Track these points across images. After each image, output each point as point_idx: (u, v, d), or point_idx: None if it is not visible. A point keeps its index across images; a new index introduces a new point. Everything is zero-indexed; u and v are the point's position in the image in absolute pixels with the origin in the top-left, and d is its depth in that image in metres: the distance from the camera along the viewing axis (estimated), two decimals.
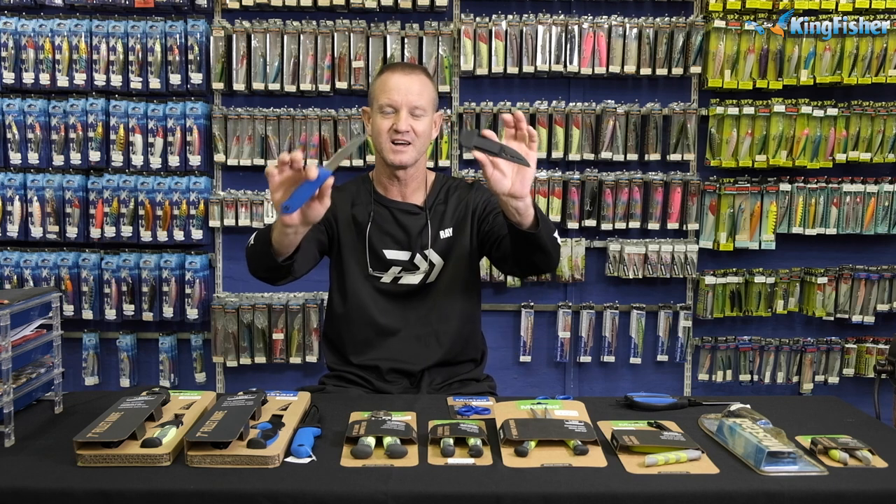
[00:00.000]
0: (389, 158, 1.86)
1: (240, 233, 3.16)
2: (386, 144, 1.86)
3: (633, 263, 3.15)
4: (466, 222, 1.95)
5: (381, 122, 1.86)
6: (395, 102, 1.84)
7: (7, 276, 3.04)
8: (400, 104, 1.84)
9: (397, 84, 1.85)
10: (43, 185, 3.05)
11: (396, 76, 1.86)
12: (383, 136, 1.85)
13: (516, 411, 1.46)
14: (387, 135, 1.85)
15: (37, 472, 1.21)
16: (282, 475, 1.20)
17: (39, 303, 1.49)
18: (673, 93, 3.19)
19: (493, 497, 1.15)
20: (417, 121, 1.85)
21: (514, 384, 3.24)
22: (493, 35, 3.04)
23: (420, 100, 1.85)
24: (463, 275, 1.96)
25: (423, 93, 1.86)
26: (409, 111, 1.84)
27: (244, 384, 3.13)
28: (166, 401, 1.47)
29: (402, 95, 1.84)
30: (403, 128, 1.83)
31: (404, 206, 1.94)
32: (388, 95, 1.84)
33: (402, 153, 1.85)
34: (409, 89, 1.84)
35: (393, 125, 1.84)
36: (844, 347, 3.23)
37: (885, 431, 1.46)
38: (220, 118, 3.06)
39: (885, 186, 3.15)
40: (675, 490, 1.16)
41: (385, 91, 1.85)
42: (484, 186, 2.02)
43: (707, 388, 3.27)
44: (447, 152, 3.14)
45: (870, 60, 3.07)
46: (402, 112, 1.83)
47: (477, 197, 1.97)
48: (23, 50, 3.02)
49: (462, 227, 1.95)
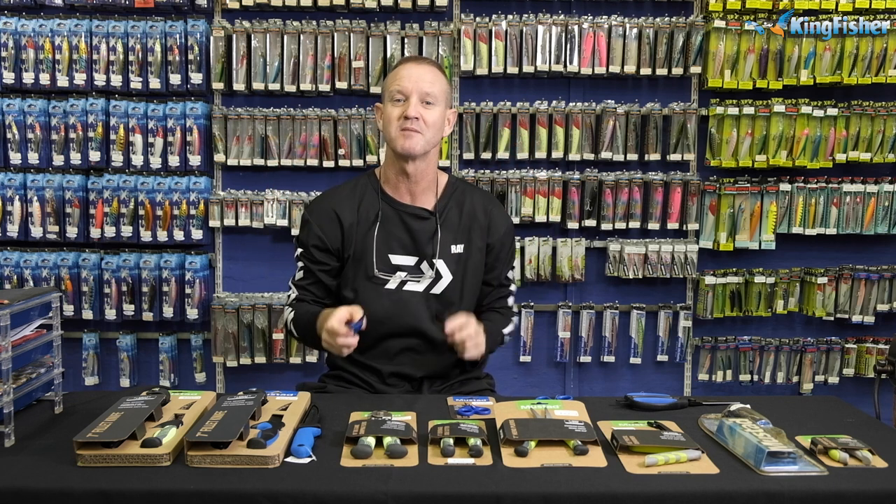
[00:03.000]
0: (398, 144, 1.83)
1: (240, 233, 3.17)
2: (395, 132, 1.83)
3: (633, 263, 3.15)
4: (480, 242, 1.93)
5: (391, 110, 1.84)
6: (406, 89, 1.82)
7: (7, 276, 3.04)
8: (410, 91, 1.82)
9: (409, 72, 1.84)
10: (43, 185, 3.05)
11: (409, 65, 1.87)
12: (393, 125, 1.83)
13: (516, 411, 1.46)
14: (396, 122, 1.83)
15: (37, 472, 1.21)
16: (282, 475, 1.20)
17: (39, 303, 1.49)
18: (673, 93, 3.19)
19: (493, 497, 1.15)
20: (428, 109, 1.83)
21: (514, 384, 3.24)
22: (493, 35, 3.04)
23: (432, 87, 1.83)
24: (471, 291, 1.94)
25: (434, 81, 1.85)
26: (419, 98, 1.82)
27: (244, 384, 3.13)
28: (166, 401, 1.47)
29: (413, 82, 1.82)
30: (413, 113, 1.80)
31: (413, 209, 1.91)
32: (399, 83, 1.84)
33: (410, 138, 1.81)
34: (420, 77, 1.83)
35: (403, 112, 1.82)
36: (844, 347, 3.23)
37: (885, 431, 1.46)
38: (220, 118, 3.06)
39: (885, 186, 3.15)
40: (675, 490, 1.16)
41: (396, 79, 1.85)
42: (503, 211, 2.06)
43: (707, 388, 3.27)
44: (447, 152, 3.14)
45: (870, 60, 3.07)
46: (413, 98, 1.82)
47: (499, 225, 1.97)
48: (23, 50, 3.02)
49: (473, 243, 1.93)
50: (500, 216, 1.99)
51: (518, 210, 3.10)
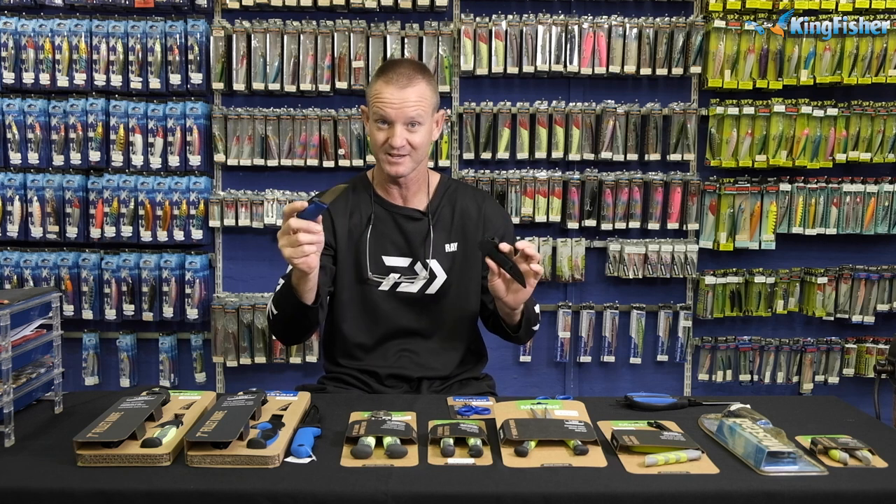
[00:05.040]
0: (386, 170, 1.83)
1: (240, 233, 3.16)
2: (381, 156, 1.82)
3: (633, 263, 3.15)
4: (474, 237, 1.92)
5: (376, 133, 1.82)
6: (389, 116, 1.78)
7: (7, 276, 3.04)
8: (394, 118, 1.78)
9: (391, 96, 1.77)
10: (43, 185, 3.05)
11: (391, 89, 1.78)
12: (378, 149, 1.82)
13: (516, 411, 1.46)
14: (381, 147, 1.81)
15: (37, 472, 1.21)
16: (282, 475, 1.20)
17: (39, 303, 1.49)
18: (673, 93, 3.19)
19: (493, 497, 1.15)
20: (414, 133, 1.80)
21: (514, 384, 3.24)
22: (493, 35, 3.04)
23: (416, 110, 1.78)
24: (466, 290, 1.93)
25: (419, 103, 1.79)
26: (404, 125, 1.79)
27: (244, 384, 3.13)
28: (166, 401, 1.47)
29: (397, 109, 1.77)
30: (398, 143, 1.78)
31: (406, 210, 1.91)
32: (382, 108, 1.78)
33: (398, 165, 1.81)
34: (404, 102, 1.77)
35: (388, 139, 1.79)
36: (844, 347, 3.23)
37: (885, 431, 1.46)
38: (220, 118, 3.06)
39: (885, 186, 3.15)
40: (675, 490, 1.16)
41: (379, 101, 1.79)
42: (496, 204, 2.04)
43: (707, 388, 3.27)
44: (447, 152, 3.14)
45: (870, 60, 3.07)
46: (397, 127, 1.78)
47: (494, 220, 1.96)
48: (23, 50, 3.02)
49: (468, 241, 1.93)
50: (493, 211, 1.99)
51: (518, 210, 3.10)
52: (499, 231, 1.95)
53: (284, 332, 1.80)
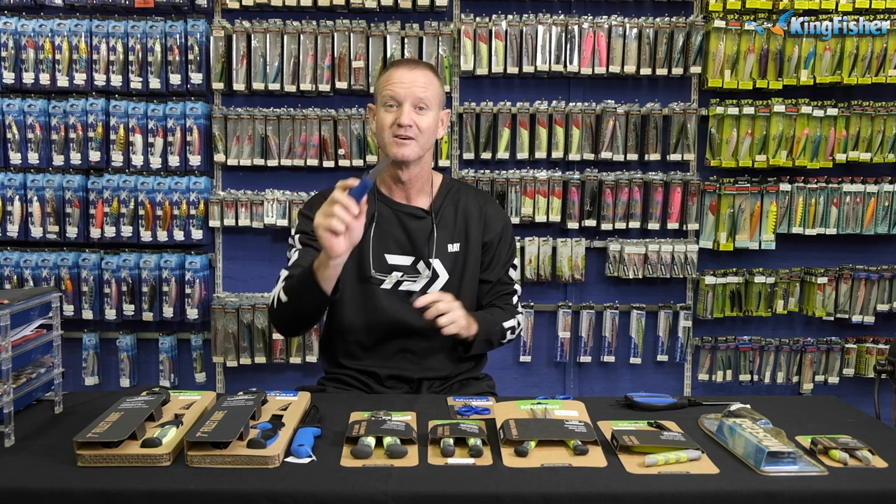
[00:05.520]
0: (392, 152, 1.82)
1: (240, 233, 3.16)
2: (389, 139, 1.82)
3: (633, 263, 3.15)
4: (476, 240, 1.93)
5: (384, 117, 1.83)
6: (399, 95, 1.81)
7: (7, 276, 3.04)
8: (403, 97, 1.80)
9: (401, 77, 1.82)
10: (43, 185, 3.05)
11: (401, 70, 1.84)
12: (386, 131, 1.82)
13: (516, 411, 1.46)
14: (389, 129, 1.81)
15: (37, 472, 1.21)
16: (282, 475, 1.20)
17: (39, 303, 1.49)
18: (673, 93, 3.20)
19: (493, 497, 1.15)
20: (421, 115, 1.82)
21: (514, 384, 3.24)
22: (493, 35, 3.04)
23: (425, 93, 1.81)
24: (469, 291, 1.94)
25: (428, 86, 1.82)
26: (412, 105, 1.80)
27: (244, 384, 3.13)
28: (166, 401, 1.47)
29: (406, 88, 1.80)
30: (406, 121, 1.79)
31: (409, 208, 1.91)
32: (392, 88, 1.81)
33: (405, 146, 1.81)
34: (413, 82, 1.81)
35: (396, 119, 1.80)
36: (844, 347, 3.23)
37: (885, 431, 1.46)
38: (220, 118, 3.06)
39: (885, 186, 3.15)
40: (675, 490, 1.16)
41: (389, 84, 1.82)
42: (497, 206, 2.05)
43: (707, 388, 3.27)
44: (447, 152, 3.14)
45: (870, 60, 3.07)
46: (406, 105, 1.80)
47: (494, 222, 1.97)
48: (23, 50, 3.02)
49: (470, 242, 1.93)
50: (495, 213, 1.99)
51: (518, 210, 3.10)
52: (497, 233, 1.96)
53: (290, 321, 1.80)
